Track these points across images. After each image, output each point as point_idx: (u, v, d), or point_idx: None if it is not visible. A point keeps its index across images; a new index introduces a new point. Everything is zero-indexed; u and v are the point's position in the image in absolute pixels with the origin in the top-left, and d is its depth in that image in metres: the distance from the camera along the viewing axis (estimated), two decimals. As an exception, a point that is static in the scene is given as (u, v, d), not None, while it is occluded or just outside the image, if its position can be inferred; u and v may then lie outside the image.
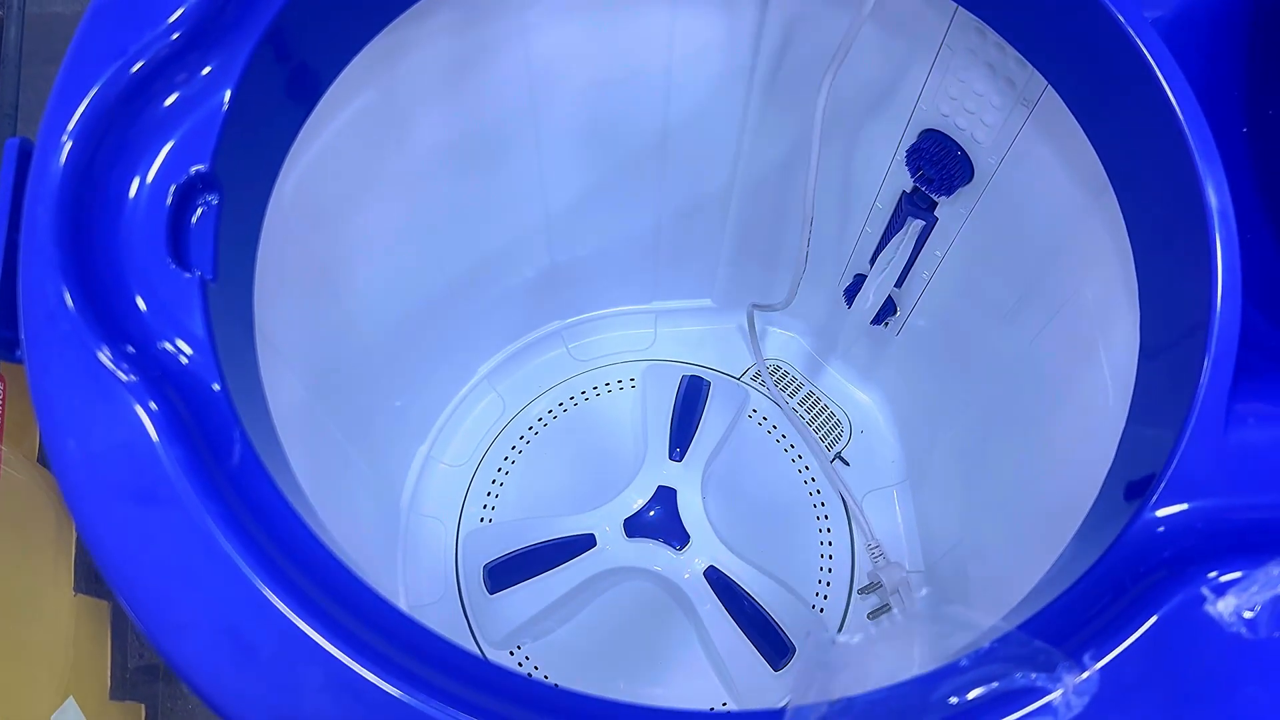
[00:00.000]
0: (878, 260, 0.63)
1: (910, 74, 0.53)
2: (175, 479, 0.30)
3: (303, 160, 0.43)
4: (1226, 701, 0.30)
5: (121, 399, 0.31)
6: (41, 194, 0.33)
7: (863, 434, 0.74)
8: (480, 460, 0.72)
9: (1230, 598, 0.31)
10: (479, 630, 0.66)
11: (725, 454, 0.72)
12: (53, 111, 0.34)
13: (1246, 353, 0.35)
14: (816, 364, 0.77)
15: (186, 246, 0.34)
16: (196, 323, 0.33)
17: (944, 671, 0.31)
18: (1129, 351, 0.41)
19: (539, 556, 0.66)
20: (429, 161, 0.55)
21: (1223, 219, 0.36)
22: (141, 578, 0.30)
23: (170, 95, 0.35)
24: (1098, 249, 0.45)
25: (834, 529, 0.70)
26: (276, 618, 0.29)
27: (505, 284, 0.69)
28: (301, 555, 0.31)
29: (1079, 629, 0.32)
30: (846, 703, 0.30)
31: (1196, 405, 0.34)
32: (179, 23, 0.35)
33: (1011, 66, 0.47)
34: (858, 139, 0.59)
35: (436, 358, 0.70)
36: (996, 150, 0.51)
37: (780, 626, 0.64)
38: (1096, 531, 0.36)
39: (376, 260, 0.56)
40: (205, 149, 0.35)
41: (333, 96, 0.43)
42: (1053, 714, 0.29)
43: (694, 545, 0.66)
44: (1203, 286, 0.36)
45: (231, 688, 0.29)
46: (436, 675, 0.30)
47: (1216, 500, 0.34)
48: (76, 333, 0.31)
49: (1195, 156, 0.37)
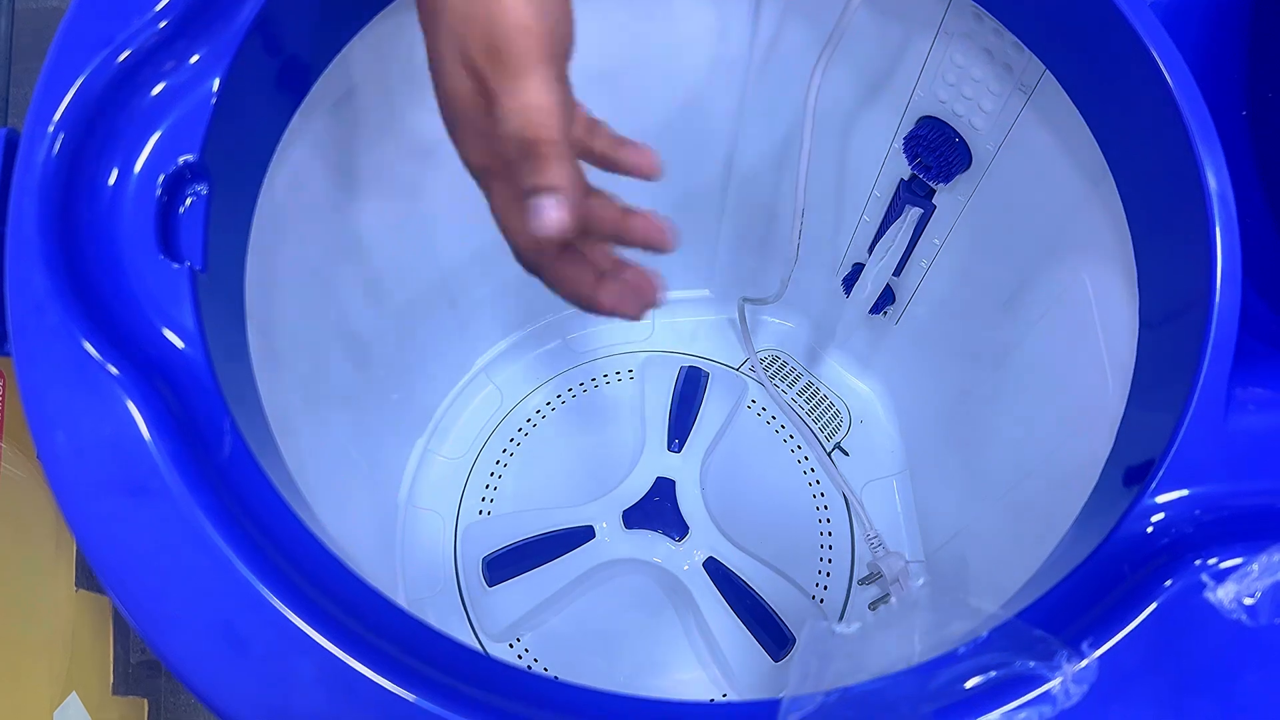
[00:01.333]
0: (876, 249, 0.62)
1: (907, 60, 0.52)
2: (165, 472, 0.30)
3: (295, 150, 0.43)
4: (1226, 688, 0.30)
5: (110, 391, 0.31)
6: (28, 185, 0.33)
7: (862, 424, 0.74)
8: (478, 453, 0.72)
9: (1230, 584, 0.30)
10: (478, 623, 0.66)
11: (724, 445, 0.72)
12: (39, 102, 0.33)
13: (1246, 338, 0.34)
14: (815, 354, 0.77)
15: (176, 237, 0.34)
16: (186, 314, 0.33)
17: (942, 660, 0.31)
18: (1128, 338, 0.41)
19: (537, 549, 0.66)
20: (424, 152, 0.54)
21: (1222, 203, 0.36)
22: (132, 572, 0.30)
23: (158, 85, 0.35)
24: (1096, 235, 0.44)
25: (833, 519, 0.70)
26: (269, 612, 0.29)
27: (502, 275, 0.69)
28: (294, 549, 0.31)
29: (1078, 617, 0.31)
30: (843, 692, 0.30)
31: (1196, 390, 0.34)
32: (166, 10, 0.35)
33: (1009, 52, 0.46)
34: (855, 127, 0.59)
35: (434, 350, 0.69)
36: (994, 137, 0.50)
37: (780, 617, 0.64)
38: (1095, 518, 0.36)
39: (372, 252, 0.55)
40: (194, 139, 0.35)
41: (324, 86, 0.43)
42: (1051, 702, 0.29)
43: (693, 536, 0.66)
44: (1202, 271, 0.35)
45: (224, 682, 0.29)
46: (430, 669, 0.30)
47: (1216, 486, 0.33)
48: (64, 325, 0.31)
49: (1194, 140, 0.36)
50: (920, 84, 0.52)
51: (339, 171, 0.48)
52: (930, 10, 0.49)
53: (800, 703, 0.29)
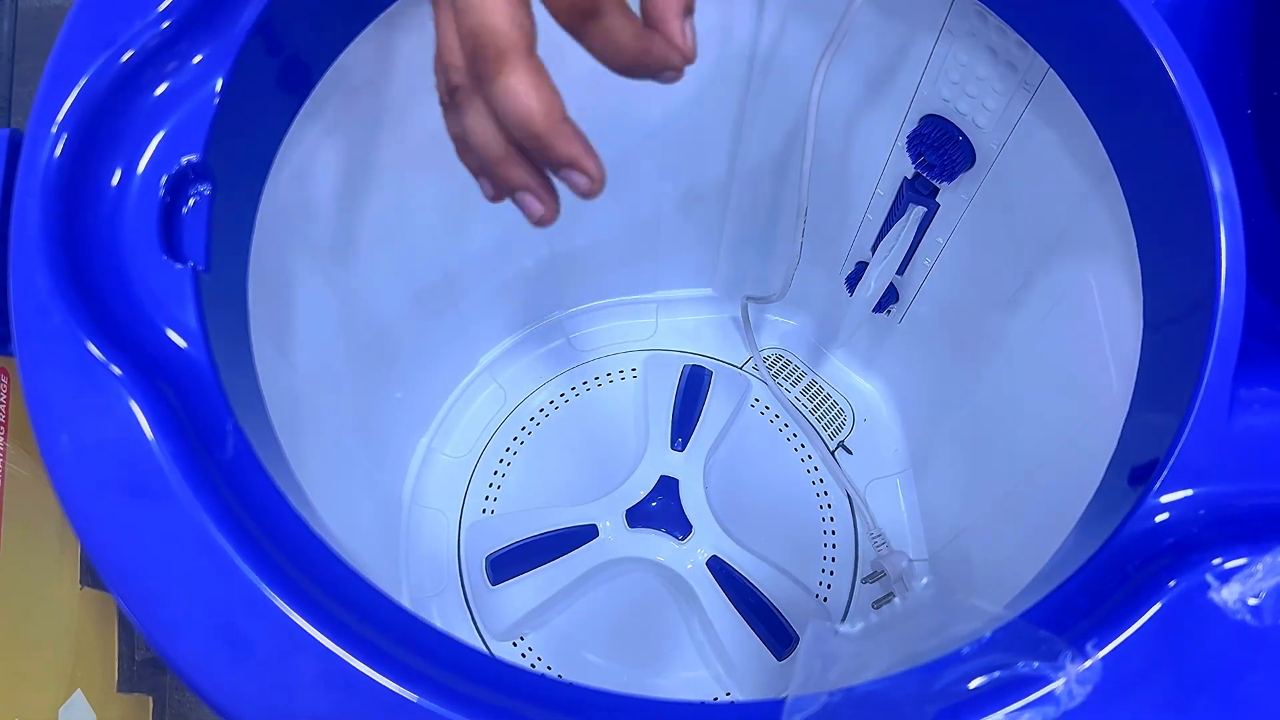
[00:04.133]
0: (879, 247, 0.62)
1: (911, 59, 0.52)
2: (168, 472, 0.30)
3: (298, 149, 0.43)
4: (1231, 690, 0.30)
5: (113, 392, 0.31)
6: (31, 186, 0.33)
7: (865, 423, 0.74)
8: (482, 452, 0.72)
9: (1235, 585, 0.30)
10: (481, 622, 0.66)
11: (727, 444, 0.72)
12: (42, 102, 0.34)
13: (1250, 338, 0.34)
14: (819, 353, 0.77)
15: (179, 237, 0.34)
16: (189, 314, 0.33)
17: (945, 661, 0.31)
18: (1133, 336, 0.40)
19: (541, 547, 0.66)
20: (427, 152, 0.54)
21: (1226, 202, 0.35)
22: (135, 572, 0.30)
23: (161, 85, 0.35)
24: (1101, 234, 0.44)
25: (837, 518, 0.70)
26: (272, 612, 0.29)
27: (505, 274, 0.69)
28: (297, 549, 0.31)
29: (1082, 617, 0.31)
30: (846, 693, 0.30)
31: (1200, 390, 0.34)
32: (169, 11, 0.35)
33: (1013, 50, 0.46)
34: (858, 125, 0.58)
35: (437, 349, 0.69)
36: (998, 135, 0.50)
37: (784, 616, 0.64)
38: (1100, 518, 0.36)
39: (375, 251, 0.55)
40: (197, 139, 0.35)
41: (327, 86, 0.42)
42: (1055, 703, 0.29)
43: (696, 535, 0.66)
44: (1206, 271, 0.35)
45: (227, 683, 0.29)
46: (433, 669, 0.30)
47: (1221, 486, 0.33)
48: (67, 325, 0.31)
49: (1198, 139, 0.36)
50: (924, 82, 0.52)
51: (342, 171, 0.48)
52: (934, 9, 0.48)
53: (803, 703, 0.29)
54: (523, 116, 0.31)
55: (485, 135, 0.33)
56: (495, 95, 0.31)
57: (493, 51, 0.30)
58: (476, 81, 0.32)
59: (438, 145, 0.56)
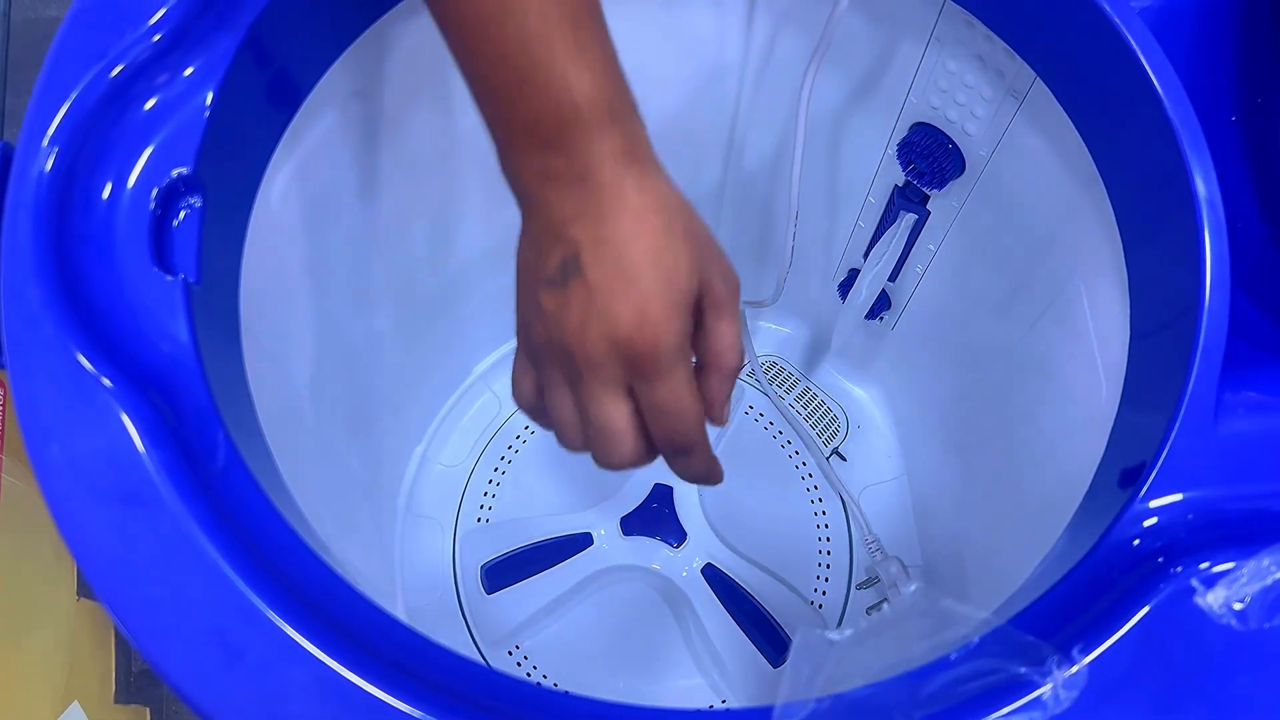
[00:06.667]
0: (871, 254, 0.62)
1: (900, 67, 0.52)
2: (159, 483, 0.30)
3: (289, 161, 0.43)
4: (1217, 693, 0.30)
5: (104, 403, 0.31)
6: (22, 199, 0.33)
7: (859, 429, 0.74)
8: (477, 460, 0.72)
9: (1220, 589, 0.31)
10: (477, 630, 0.66)
11: (722, 451, 0.72)
12: (33, 116, 0.34)
13: (1236, 342, 0.35)
14: (812, 360, 0.77)
15: (170, 250, 0.34)
16: (180, 326, 0.33)
17: (934, 666, 0.31)
18: (1121, 341, 0.41)
19: (536, 556, 0.66)
20: (420, 161, 0.55)
21: (1211, 208, 0.36)
22: (126, 583, 0.30)
23: (151, 98, 0.35)
24: (1089, 240, 0.44)
25: (832, 524, 0.70)
26: (262, 622, 0.29)
27: (499, 282, 0.69)
28: (287, 559, 0.31)
29: (1069, 622, 0.31)
30: (835, 699, 0.30)
31: (1186, 394, 0.34)
32: (159, 24, 0.35)
33: (1001, 58, 0.47)
34: (849, 132, 0.59)
35: (431, 358, 0.69)
36: (987, 143, 0.51)
37: (778, 623, 0.64)
38: (1089, 523, 0.36)
39: (366, 262, 0.56)
40: (188, 152, 0.35)
41: (317, 96, 0.43)
42: (1041, 708, 0.29)
43: (691, 543, 0.66)
44: (1192, 276, 0.35)
45: (218, 693, 0.29)
46: (425, 679, 0.30)
47: (1207, 490, 0.33)
48: (58, 337, 0.31)
49: (1183, 146, 0.36)
50: (913, 90, 0.53)
51: (332, 183, 0.48)
52: (922, 17, 0.49)
53: (792, 709, 0.30)
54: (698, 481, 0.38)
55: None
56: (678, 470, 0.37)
57: (684, 442, 0.35)
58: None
59: (433, 154, 0.56)
